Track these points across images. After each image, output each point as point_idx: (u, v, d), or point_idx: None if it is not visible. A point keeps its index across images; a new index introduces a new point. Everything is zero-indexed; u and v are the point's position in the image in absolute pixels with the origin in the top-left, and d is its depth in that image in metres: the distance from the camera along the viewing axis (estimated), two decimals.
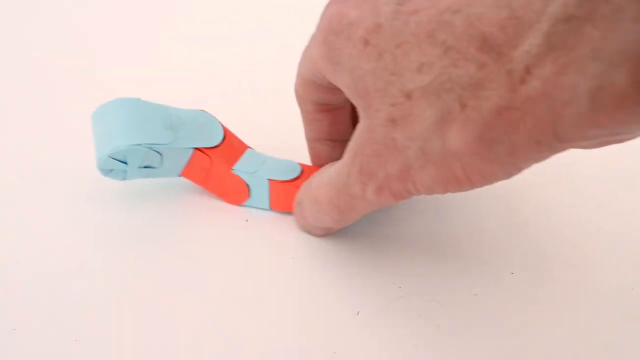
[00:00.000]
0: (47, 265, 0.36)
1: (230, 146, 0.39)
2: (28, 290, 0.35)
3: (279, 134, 0.45)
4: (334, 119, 0.37)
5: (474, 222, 0.40)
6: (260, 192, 0.39)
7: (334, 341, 0.33)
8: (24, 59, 0.55)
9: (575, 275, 0.36)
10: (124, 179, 0.38)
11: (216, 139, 0.39)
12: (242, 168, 0.39)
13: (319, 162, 0.38)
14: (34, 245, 0.37)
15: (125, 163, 0.37)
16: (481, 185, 0.28)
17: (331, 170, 0.33)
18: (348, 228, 0.39)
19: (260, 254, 0.37)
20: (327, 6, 0.32)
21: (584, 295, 0.35)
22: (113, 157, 0.36)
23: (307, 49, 0.33)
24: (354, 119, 0.37)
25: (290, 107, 0.38)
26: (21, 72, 0.53)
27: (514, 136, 0.25)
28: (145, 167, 0.38)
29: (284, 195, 0.39)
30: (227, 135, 0.39)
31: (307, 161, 0.40)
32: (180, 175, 0.39)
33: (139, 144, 0.36)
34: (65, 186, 0.41)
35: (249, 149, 0.40)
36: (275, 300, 0.35)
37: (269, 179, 0.38)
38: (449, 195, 0.41)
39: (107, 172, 0.38)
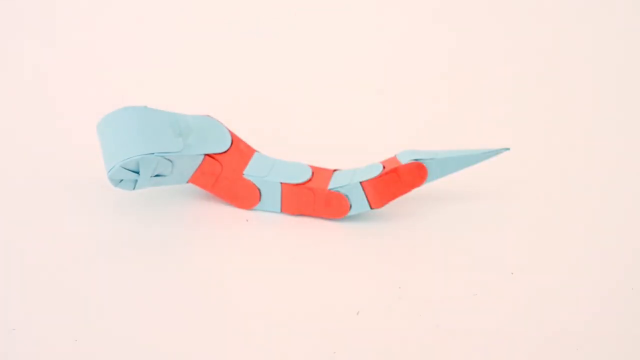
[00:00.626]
0: (47, 265, 0.36)
1: (238, 150, 0.39)
2: (28, 290, 0.35)
3: (282, 136, 0.45)
4: None
5: (474, 222, 0.40)
6: (272, 196, 0.39)
7: (334, 341, 0.33)
8: (23, 60, 0.55)
9: (576, 275, 0.36)
10: (134, 188, 0.37)
11: (225, 144, 0.39)
12: (252, 172, 0.39)
13: None
14: (34, 246, 0.37)
15: (137, 173, 0.37)
16: None
17: None
18: (347, 228, 0.39)
19: (260, 254, 0.37)
20: None
21: (584, 296, 0.35)
22: (125, 167, 0.36)
23: None
24: None
25: (294, 108, 0.38)
26: (20, 74, 0.53)
27: None
28: (156, 175, 0.38)
29: (297, 198, 0.39)
30: (234, 139, 0.39)
31: (314, 162, 0.40)
32: (188, 182, 0.39)
33: (152, 153, 0.36)
34: (64, 188, 0.41)
35: (256, 153, 0.40)
36: (274, 300, 0.35)
37: (281, 182, 0.38)
38: (449, 195, 0.42)
39: (117, 182, 0.37)
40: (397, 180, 0.38)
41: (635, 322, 0.34)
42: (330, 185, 0.38)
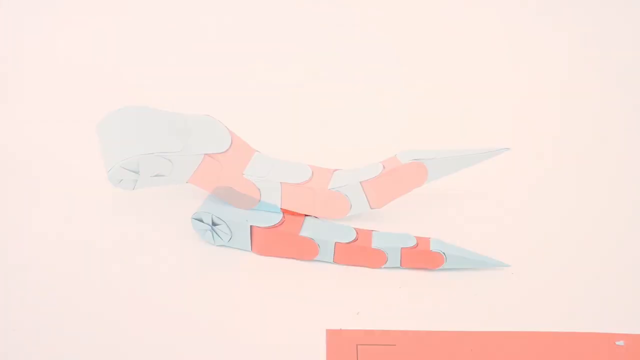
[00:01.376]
0: (47, 265, 0.36)
1: (238, 150, 0.39)
2: (28, 290, 0.35)
3: (282, 136, 0.45)
4: None
5: (474, 222, 0.40)
6: (272, 196, 0.39)
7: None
8: (23, 59, 0.55)
9: (576, 275, 0.37)
10: (134, 188, 0.37)
11: (224, 144, 0.39)
12: (252, 172, 0.39)
13: None
14: (34, 246, 0.37)
15: (137, 172, 0.37)
16: None
17: None
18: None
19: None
20: None
21: (583, 295, 0.35)
22: (125, 167, 0.36)
23: None
24: None
25: (294, 108, 0.38)
26: (20, 74, 0.53)
27: None
28: (156, 175, 0.38)
29: (297, 197, 0.39)
30: (234, 139, 0.39)
31: (314, 162, 0.40)
32: (188, 182, 0.39)
33: (151, 153, 0.36)
34: (65, 188, 0.41)
35: (256, 153, 0.40)
36: (275, 300, 0.35)
37: (281, 182, 0.38)
38: (449, 195, 0.42)
39: (117, 182, 0.37)
40: (397, 180, 0.38)
41: (636, 321, 0.34)
42: (330, 185, 0.38)
